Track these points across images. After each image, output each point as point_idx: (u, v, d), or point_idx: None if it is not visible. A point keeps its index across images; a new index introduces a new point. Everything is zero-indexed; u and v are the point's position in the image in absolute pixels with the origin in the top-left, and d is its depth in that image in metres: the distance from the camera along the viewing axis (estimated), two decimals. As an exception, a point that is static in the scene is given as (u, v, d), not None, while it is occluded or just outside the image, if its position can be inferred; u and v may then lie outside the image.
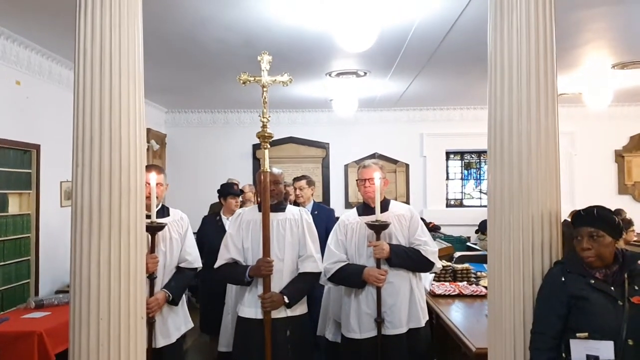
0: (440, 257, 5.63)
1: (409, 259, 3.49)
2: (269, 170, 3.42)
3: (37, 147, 5.38)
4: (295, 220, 3.54)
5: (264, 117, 3.37)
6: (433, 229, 8.88)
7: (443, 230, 8.75)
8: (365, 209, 3.65)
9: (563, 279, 2.44)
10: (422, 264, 3.53)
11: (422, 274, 3.76)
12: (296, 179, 5.36)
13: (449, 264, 5.25)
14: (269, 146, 3.40)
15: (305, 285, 3.49)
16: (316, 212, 5.18)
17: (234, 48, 5.33)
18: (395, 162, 9.61)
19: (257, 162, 9.47)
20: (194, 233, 5.63)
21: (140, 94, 2.69)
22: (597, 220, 2.39)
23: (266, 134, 3.36)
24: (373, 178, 3.51)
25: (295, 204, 5.24)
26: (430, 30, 4.95)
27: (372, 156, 9.62)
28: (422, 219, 9.40)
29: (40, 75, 5.44)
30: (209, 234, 5.08)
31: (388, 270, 3.45)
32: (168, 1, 4.17)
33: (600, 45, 5.62)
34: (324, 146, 9.57)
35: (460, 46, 5.45)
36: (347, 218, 3.72)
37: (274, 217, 3.44)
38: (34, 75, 5.33)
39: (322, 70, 6.57)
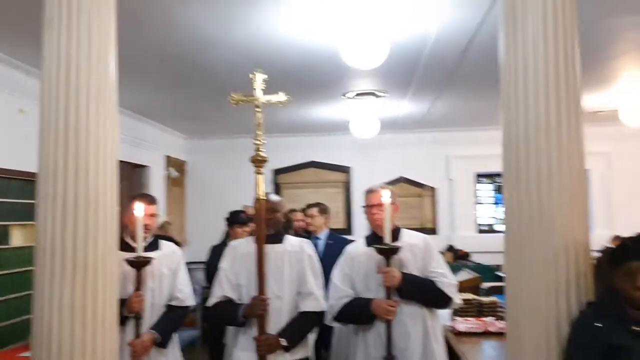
0: (466, 289, 5.24)
1: (423, 290, 3.13)
2: (264, 197, 3.11)
3: (42, 177, 5.22)
4: (294, 252, 3.22)
5: (257, 140, 3.08)
6: (462, 256, 8.44)
7: (474, 257, 8.30)
8: (374, 238, 3.31)
9: (598, 325, 2.05)
10: (437, 297, 3.16)
11: (439, 311, 3.39)
12: (308, 206, 5.06)
13: (474, 297, 4.84)
14: (263, 171, 3.10)
15: (306, 326, 3.16)
16: (331, 242, 4.87)
17: (244, 71, 5.12)
18: (420, 186, 9.23)
19: (278, 187, 9.22)
20: (204, 262, 5.42)
21: (114, 120, 2.46)
22: None
23: (259, 158, 3.07)
24: (382, 204, 3.17)
25: (307, 232, 4.93)
26: (447, 45, 4.64)
27: (397, 180, 9.28)
28: (450, 246, 9.00)
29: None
30: (218, 263, 4.79)
31: (399, 302, 3.09)
32: (172, 24, 3.99)
33: (638, 57, 5.19)
34: (346, 170, 9.26)
35: (482, 61, 5.09)
36: (354, 249, 3.39)
37: (270, 249, 3.13)
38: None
39: (339, 92, 6.32)
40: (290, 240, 3.31)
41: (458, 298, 3.25)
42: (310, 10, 3.79)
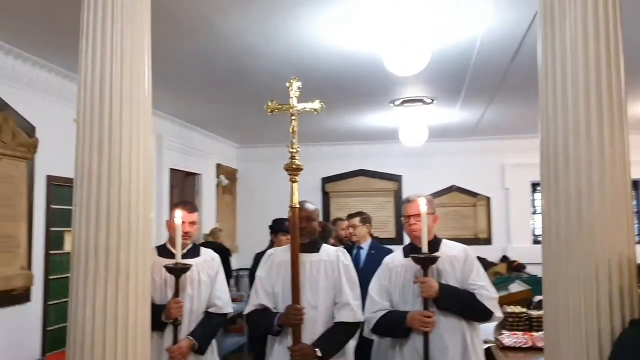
0: (517, 302, 5.05)
1: (462, 302, 3.03)
2: (298, 205, 3.09)
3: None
4: (331, 262, 3.18)
5: (292, 148, 3.07)
6: (517, 268, 8.15)
7: (529, 269, 7.99)
8: (412, 249, 3.23)
9: None
10: (477, 310, 3.04)
11: (481, 325, 3.26)
12: (350, 216, 5.01)
13: (524, 310, 4.65)
14: (297, 179, 3.08)
15: (342, 337, 3.11)
16: (373, 252, 4.80)
17: (287, 80, 5.18)
18: (474, 195, 9.00)
19: (326, 196, 9.21)
20: (248, 270, 5.45)
21: (147, 129, 2.49)
22: None
23: (294, 166, 3.05)
24: (420, 214, 3.09)
25: (349, 242, 4.88)
26: (496, 50, 4.50)
27: (450, 189, 9.10)
28: (504, 257, 8.70)
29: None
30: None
31: (436, 314, 2.99)
32: (215, 35, 4.06)
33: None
34: (396, 179, 9.14)
35: (535, 66, 4.93)
36: (392, 260, 3.32)
37: (306, 258, 3.11)
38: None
39: (386, 99, 6.25)
40: (327, 249, 3.28)
41: (499, 312, 3.13)
42: (353, 17, 3.76)
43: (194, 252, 3.39)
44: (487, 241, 8.90)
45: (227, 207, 8.97)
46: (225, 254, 7.68)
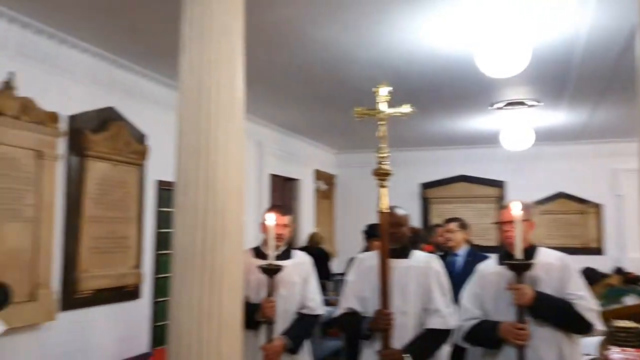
0: (631, 316, 4.70)
1: (558, 312, 2.88)
2: (387, 211, 3.10)
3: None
4: (421, 268, 3.15)
5: (380, 153, 3.08)
6: (632, 280, 7.59)
7: (647, 282, 7.42)
8: (506, 256, 3.12)
9: None
10: (574, 320, 2.88)
11: (581, 339, 3.08)
12: (446, 221, 4.91)
13: (637, 325, 4.32)
14: (385, 184, 3.09)
15: (432, 344, 3.06)
16: (470, 259, 4.67)
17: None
18: (583, 202, 8.51)
19: (426, 202, 9.09)
20: (342, 274, 5.51)
21: (240, 137, 2.62)
22: None
23: (382, 171, 3.06)
24: (514, 220, 2.99)
25: (445, 247, 4.79)
26: (601, 48, 4.26)
27: (556, 196, 8.66)
28: (618, 268, 8.15)
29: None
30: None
31: (531, 324, 2.86)
32: (309, 44, 4.18)
33: None
34: (498, 185, 8.84)
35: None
36: (486, 267, 3.23)
37: (395, 264, 3.10)
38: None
39: (486, 102, 6.08)
40: (417, 255, 3.25)
41: (600, 325, 2.94)
42: (448, 18, 3.72)
43: (286, 254, 3.49)
44: (598, 251, 8.38)
45: (325, 212, 9.12)
46: (324, 258, 7.82)
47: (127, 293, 4.64)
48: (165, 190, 5.08)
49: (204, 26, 2.57)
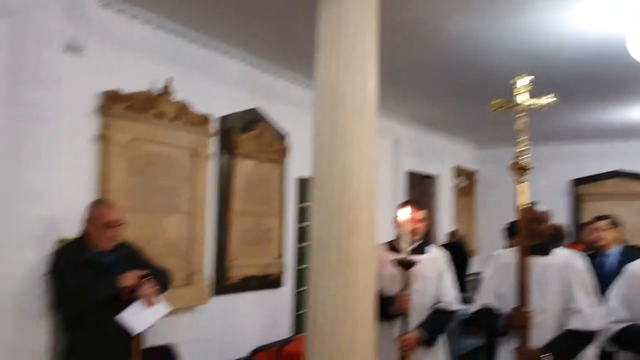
0: None
1: None
2: (526, 207, 2.99)
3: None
4: (561, 266, 3.00)
5: (519, 147, 2.98)
6: None
7: None
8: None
9: None
10: None
11: None
12: (596, 219, 4.58)
13: None
14: (524, 179, 2.97)
15: (573, 345, 2.91)
16: (623, 259, 4.32)
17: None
18: None
19: (576, 199, 8.52)
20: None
21: (372, 134, 2.70)
22: None
23: (519, 166, 2.96)
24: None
25: (595, 247, 4.48)
26: None
27: None
28: None
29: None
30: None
31: None
32: (445, 38, 4.16)
33: None
34: (658, 181, 8.03)
35: None
36: (636, 267, 2.99)
37: (534, 261, 2.98)
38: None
39: (643, 91, 5.58)
40: (558, 253, 3.11)
41: None
42: (601, 1, 3.49)
43: (421, 249, 3.50)
44: None
45: (465, 209, 8.92)
46: (463, 256, 7.67)
47: (271, 281, 4.95)
48: (305, 186, 5.31)
49: (338, 27, 2.69)
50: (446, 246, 6.48)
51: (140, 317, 3.05)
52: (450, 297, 3.44)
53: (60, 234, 3.22)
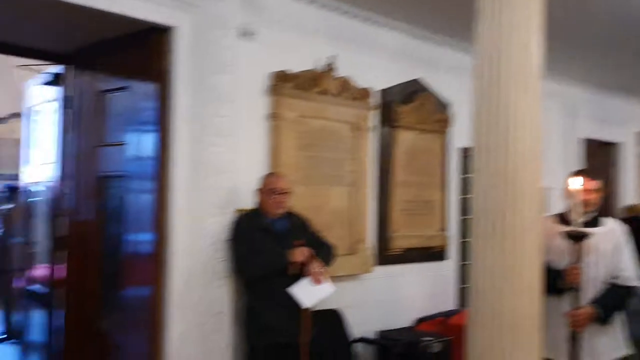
0: None
1: None
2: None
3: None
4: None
5: None
6: None
7: None
8: None
9: None
10: None
11: None
12: None
13: None
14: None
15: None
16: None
17: None
18: None
19: None
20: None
21: (535, 104, 2.61)
22: None
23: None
24: None
25: None
26: None
27: None
28: None
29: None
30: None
31: None
32: None
33: None
34: None
35: None
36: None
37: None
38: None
39: None
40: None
41: None
42: None
43: (595, 221, 3.29)
44: None
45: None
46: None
47: (434, 254, 4.96)
48: (467, 156, 5.19)
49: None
50: (625, 220, 5.94)
51: (309, 293, 3.33)
52: (629, 272, 3.21)
53: (237, 204, 3.57)
